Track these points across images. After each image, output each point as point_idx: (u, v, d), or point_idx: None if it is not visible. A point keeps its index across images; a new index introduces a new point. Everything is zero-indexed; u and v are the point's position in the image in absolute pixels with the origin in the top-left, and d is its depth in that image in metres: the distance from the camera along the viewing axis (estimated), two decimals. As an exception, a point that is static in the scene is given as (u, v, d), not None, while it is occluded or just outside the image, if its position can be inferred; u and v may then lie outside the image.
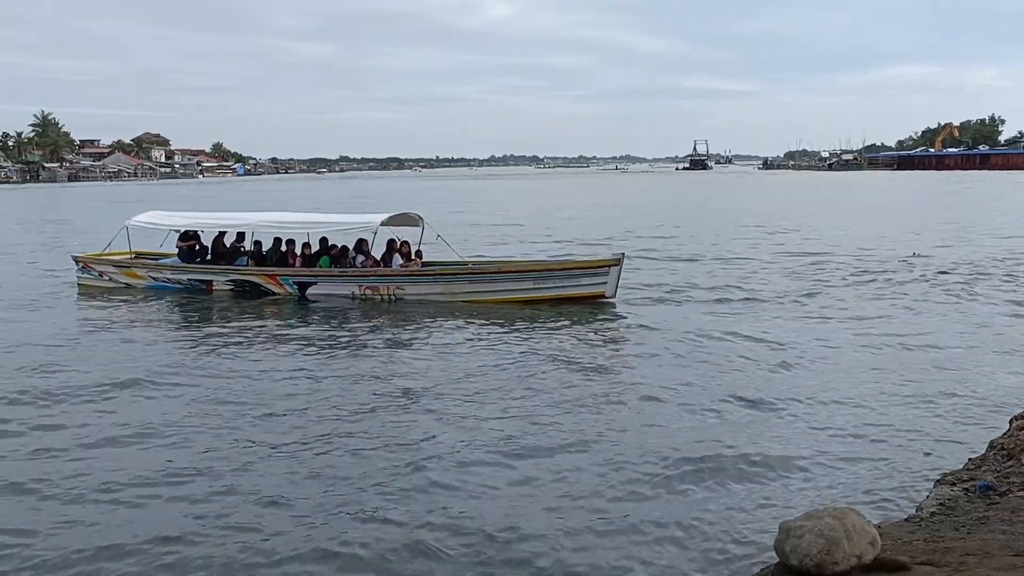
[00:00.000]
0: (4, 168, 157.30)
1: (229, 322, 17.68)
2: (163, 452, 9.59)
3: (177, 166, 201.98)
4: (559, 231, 38.97)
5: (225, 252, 21.61)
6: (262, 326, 17.27)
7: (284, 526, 7.67)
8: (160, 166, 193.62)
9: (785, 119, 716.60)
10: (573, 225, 43.01)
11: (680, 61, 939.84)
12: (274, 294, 20.25)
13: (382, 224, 20.52)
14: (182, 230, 21.93)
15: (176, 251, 21.93)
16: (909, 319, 17.11)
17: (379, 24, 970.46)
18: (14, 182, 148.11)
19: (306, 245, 21.06)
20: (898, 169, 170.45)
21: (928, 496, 7.84)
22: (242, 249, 21.67)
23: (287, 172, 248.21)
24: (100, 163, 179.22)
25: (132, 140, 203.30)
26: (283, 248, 21.21)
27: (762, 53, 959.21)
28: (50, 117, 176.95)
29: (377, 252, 20.74)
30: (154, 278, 21.42)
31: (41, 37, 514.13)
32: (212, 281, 20.89)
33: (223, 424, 10.61)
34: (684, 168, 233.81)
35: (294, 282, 20.23)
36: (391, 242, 20.68)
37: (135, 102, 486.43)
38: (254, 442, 9.93)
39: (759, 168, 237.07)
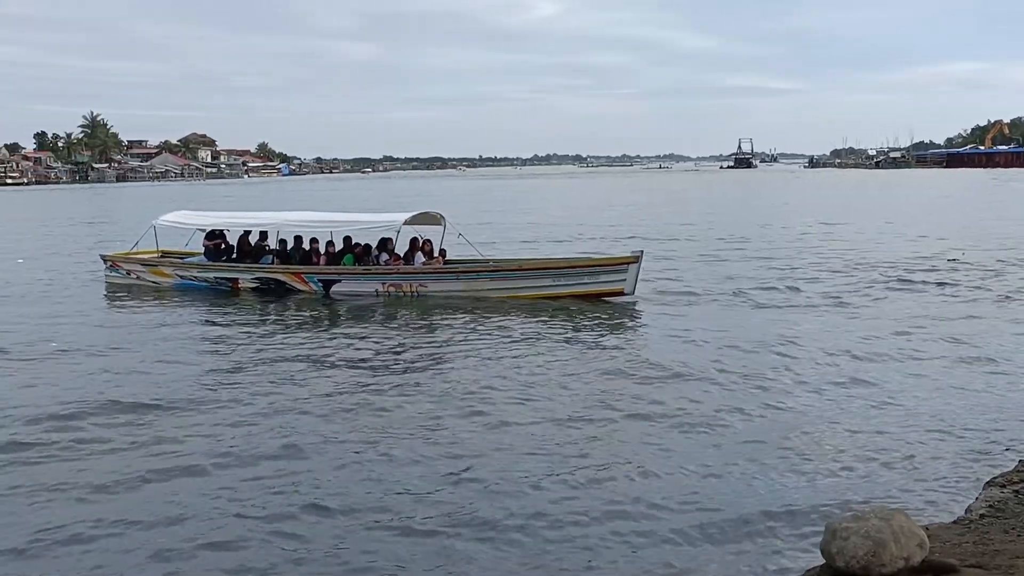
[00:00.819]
0: (54, 169, 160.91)
1: (256, 318, 17.99)
2: (188, 453, 9.62)
3: (223, 166, 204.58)
4: (614, 229, 39.02)
5: (250, 251, 21.85)
6: (289, 322, 17.59)
7: (314, 524, 7.74)
8: (206, 166, 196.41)
9: (831, 117, 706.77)
10: (631, 224, 42.87)
11: (725, 59, 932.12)
12: (299, 292, 20.45)
13: (405, 223, 20.70)
14: (208, 229, 22.18)
15: (203, 250, 22.23)
16: (956, 319, 16.66)
17: (424, 24, 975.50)
18: (64, 183, 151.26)
19: (330, 244, 21.28)
20: (947, 167, 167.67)
21: (977, 498, 7.74)
22: (267, 248, 21.91)
23: (331, 172, 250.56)
24: (148, 164, 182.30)
25: (179, 141, 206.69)
26: (307, 247, 21.42)
27: (808, 50, 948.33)
28: (99, 118, 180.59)
29: (400, 251, 20.89)
30: (181, 276, 21.69)
31: (91, 39, 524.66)
32: (238, 279, 21.11)
33: (249, 417, 10.78)
34: (728, 167, 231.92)
35: (319, 280, 20.44)
36: (414, 240, 20.85)
37: (182, 103, 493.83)
38: (285, 435, 10.09)
39: (804, 167, 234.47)
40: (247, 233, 22.18)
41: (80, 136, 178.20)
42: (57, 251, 32.43)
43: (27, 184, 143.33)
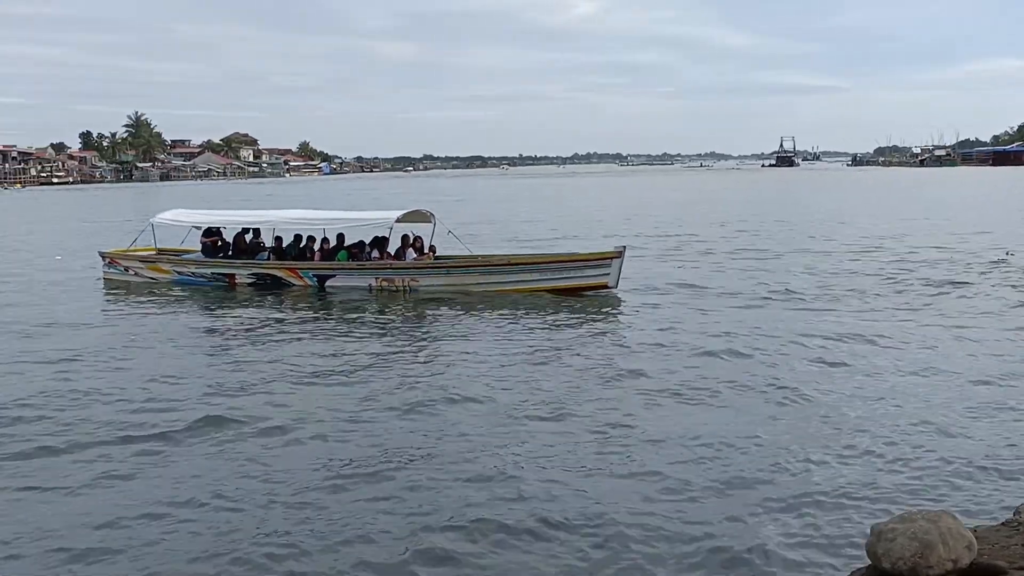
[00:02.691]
0: (99, 168, 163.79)
1: (254, 312, 18.46)
2: (193, 442, 9.87)
3: (265, 165, 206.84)
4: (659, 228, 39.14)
5: (246, 248, 22.26)
6: (286, 315, 18.07)
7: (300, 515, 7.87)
8: (248, 165, 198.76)
9: (874, 115, 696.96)
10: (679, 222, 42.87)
11: (767, 56, 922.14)
12: (294, 287, 20.86)
13: (397, 221, 21.16)
14: (204, 227, 22.61)
15: (199, 247, 22.71)
16: (1000, 320, 16.43)
17: (464, 23, 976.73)
18: (108, 182, 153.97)
19: (325, 241, 21.69)
20: (993, 165, 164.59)
21: (1025, 500, 7.61)
22: (262, 245, 22.32)
23: (372, 171, 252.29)
24: (191, 163, 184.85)
25: (221, 140, 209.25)
26: (302, 244, 21.79)
27: (851, 47, 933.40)
28: (143, 118, 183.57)
29: (391, 248, 21.17)
30: (179, 272, 22.14)
31: (136, 40, 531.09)
32: (235, 275, 21.53)
33: (250, 412, 10.97)
34: (770, 165, 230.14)
35: (314, 275, 20.88)
36: (405, 237, 21.30)
37: (225, 103, 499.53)
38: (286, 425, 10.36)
39: (847, 165, 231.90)
40: (244, 231, 22.60)
41: (124, 136, 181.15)
42: (94, 248, 33.10)
43: (72, 183, 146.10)
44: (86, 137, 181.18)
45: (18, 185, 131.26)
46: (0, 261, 29.81)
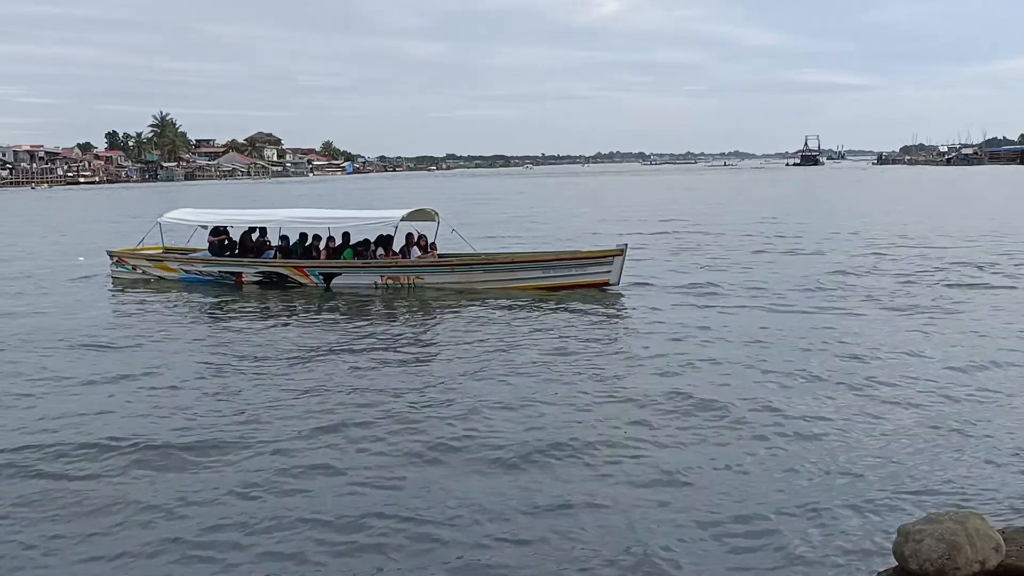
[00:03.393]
0: (124, 168, 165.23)
1: (262, 310, 18.69)
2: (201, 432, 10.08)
3: (288, 165, 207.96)
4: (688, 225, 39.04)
5: (252, 246, 22.42)
6: (294, 312, 18.29)
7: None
8: (272, 165, 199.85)
9: (900, 113, 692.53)
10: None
11: (792, 55, 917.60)
12: (300, 285, 21.01)
13: (402, 219, 21.31)
14: (210, 226, 22.81)
15: (205, 246, 22.91)
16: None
17: (490, 22, 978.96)
18: (134, 181, 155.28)
19: (330, 239, 21.79)
20: (1021, 163, 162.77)
21: (1053, 500, 7.52)
22: (268, 244, 22.49)
23: (395, 170, 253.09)
24: (215, 162, 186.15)
25: (245, 140, 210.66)
26: (307, 242, 21.94)
27: (876, 46, 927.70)
28: (168, 118, 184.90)
29: (396, 246, 21.46)
30: (186, 271, 22.32)
31: (162, 40, 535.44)
32: (241, 273, 21.68)
33: (254, 401, 11.30)
34: (795, 164, 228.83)
35: (320, 273, 21.01)
36: (409, 236, 21.47)
37: (249, 102, 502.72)
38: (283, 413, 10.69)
39: (873, 163, 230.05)
40: (251, 230, 22.77)
41: (150, 135, 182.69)
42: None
43: (99, 183, 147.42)
44: (112, 137, 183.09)
45: (45, 185, 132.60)
46: (25, 260, 30.10)
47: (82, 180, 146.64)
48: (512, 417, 10.40)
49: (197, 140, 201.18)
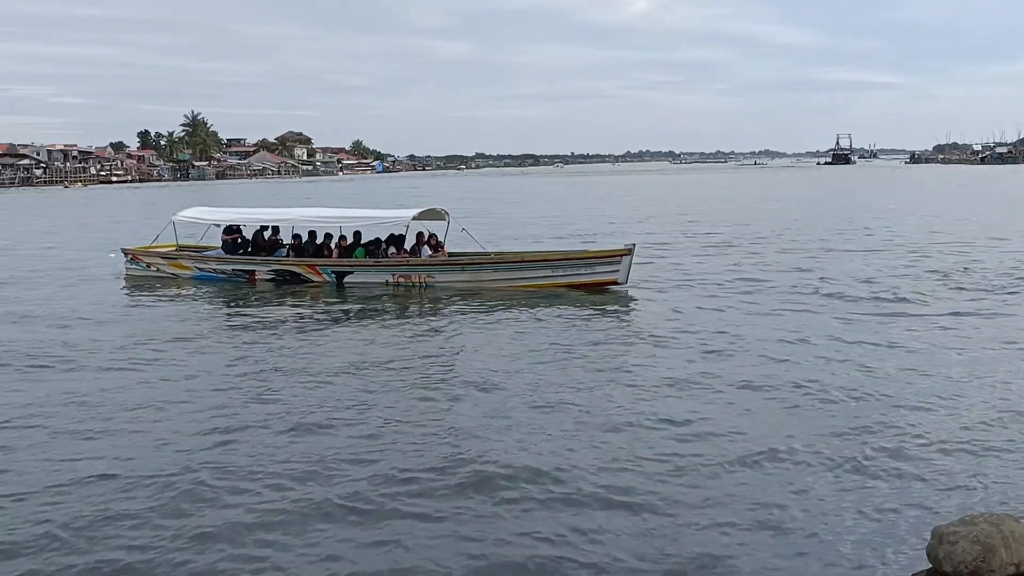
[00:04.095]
0: (156, 167, 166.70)
1: (276, 307, 18.98)
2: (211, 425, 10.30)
3: (318, 164, 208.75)
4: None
5: (265, 245, 22.67)
6: (307, 310, 18.60)
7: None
8: (302, 164, 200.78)
9: (933, 111, 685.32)
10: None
11: (823, 53, 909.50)
12: (313, 282, 21.23)
13: (414, 219, 21.64)
14: (223, 224, 23.06)
15: (217, 244, 23.21)
16: None
17: (518, 21, 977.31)
18: (166, 180, 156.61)
19: (342, 238, 22.03)
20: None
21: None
22: (280, 242, 22.72)
23: (424, 169, 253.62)
24: (246, 161, 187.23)
25: (276, 139, 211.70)
26: (319, 241, 22.14)
27: (909, 43, 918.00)
28: (199, 117, 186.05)
29: (406, 245, 21.73)
30: (200, 268, 22.57)
31: (193, 40, 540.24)
32: (255, 271, 21.94)
33: (270, 395, 11.53)
34: (826, 163, 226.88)
35: (332, 271, 21.24)
36: (420, 235, 21.73)
37: (279, 102, 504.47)
38: (297, 408, 10.91)
39: (905, 162, 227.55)
40: (263, 228, 23.00)
41: (181, 135, 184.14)
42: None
43: (131, 181, 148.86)
44: (144, 136, 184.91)
45: (79, 184, 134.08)
46: (59, 256, 30.63)
47: (114, 179, 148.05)
48: (514, 412, 10.54)
49: (228, 139, 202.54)
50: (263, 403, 11.12)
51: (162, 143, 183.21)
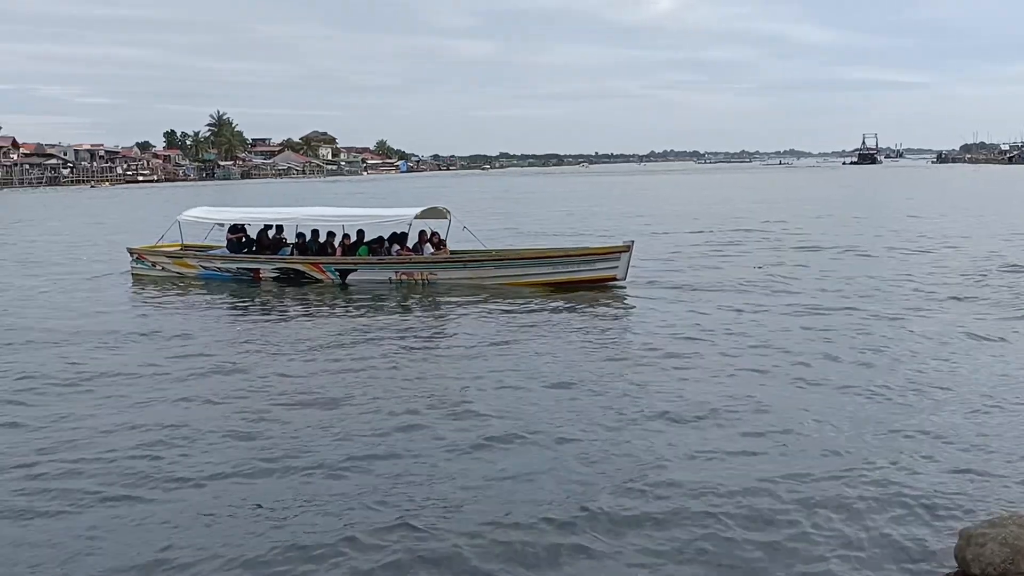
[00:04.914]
0: (182, 167, 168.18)
1: (281, 305, 19.26)
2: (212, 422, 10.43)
3: (343, 163, 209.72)
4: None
5: (269, 244, 22.89)
6: (312, 307, 18.82)
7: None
8: (327, 163, 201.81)
9: (961, 111, 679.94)
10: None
11: (849, 52, 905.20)
12: (317, 281, 21.48)
13: (416, 217, 21.84)
14: (227, 224, 23.35)
15: (221, 244, 23.49)
16: None
17: (541, 21, 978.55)
18: (191, 180, 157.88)
19: (346, 236, 22.26)
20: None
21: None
22: (284, 241, 22.93)
23: (448, 169, 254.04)
24: (271, 161, 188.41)
25: (301, 139, 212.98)
26: (322, 239, 22.39)
27: (936, 42, 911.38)
28: (224, 117, 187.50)
29: (408, 243, 21.98)
30: (205, 267, 22.81)
31: (219, 41, 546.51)
32: (259, 269, 22.16)
33: (276, 394, 11.65)
34: (852, 163, 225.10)
35: (336, 269, 21.48)
36: (422, 233, 21.98)
37: (304, 102, 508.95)
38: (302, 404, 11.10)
39: (932, 162, 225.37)
40: (267, 227, 23.24)
41: (207, 134, 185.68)
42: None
43: (156, 181, 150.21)
44: (170, 136, 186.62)
45: (106, 184, 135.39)
46: (80, 253, 31.05)
47: (140, 178, 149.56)
48: (510, 406, 10.74)
49: (253, 139, 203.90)
50: (269, 397, 11.38)
51: (188, 143, 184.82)
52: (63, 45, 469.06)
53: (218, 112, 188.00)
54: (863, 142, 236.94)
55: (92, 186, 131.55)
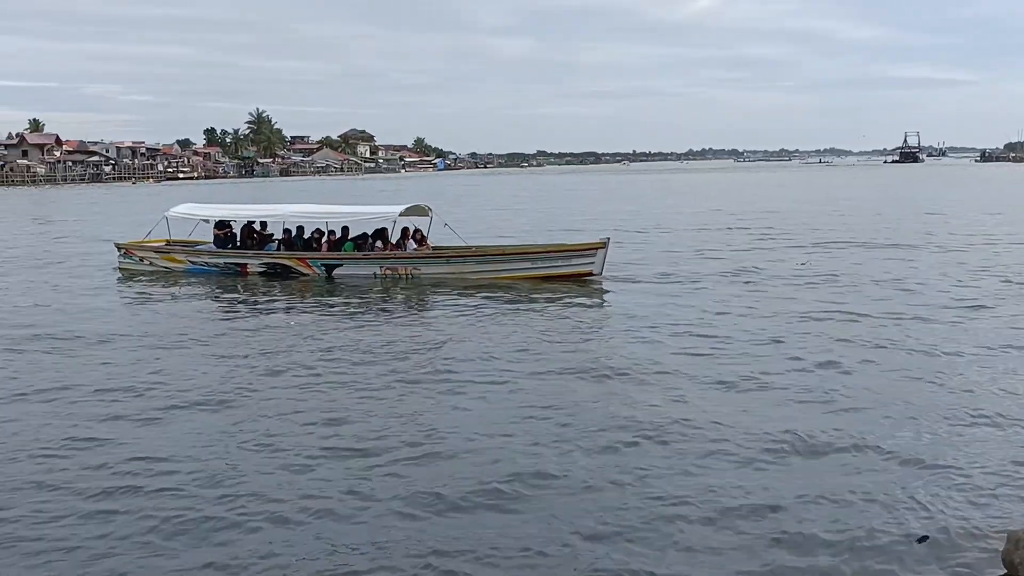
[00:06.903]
0: (222, 164, 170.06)
1: (267, 299, 19.67)
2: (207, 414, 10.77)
3: (381, 161, 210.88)
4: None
5: (255, 239, 23.30)
6: (298, 301, 19.27)
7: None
8: (365, 161, 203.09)
9: (1005, 109, 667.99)
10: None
11: (890, 49, 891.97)
12: (303, 275, 21.91)
13: (400, 215, 22.39)
14: (214, 219, 23.87)
15: (206, 239, 23.96)
16: None
17: (580, 19, 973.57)
18: (231, 177, 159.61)
19: (331, 233, 22.64)
20: None
21: None
22: (271, 236, 23.38)
23: (485, 167, 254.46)
24: (309, 159, 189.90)
25: (339, 136, 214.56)
26: (307, 236, 22.84)
27: (980, 39, 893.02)
28: (264, 115, 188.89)
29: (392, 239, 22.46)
30: (192, 262, 23.29)
31: (259, 39, 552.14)
32: (247, 264, 22.64)
33: (265, 383, 12.08)
34: (893, 161, 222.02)
35: (322, 264, 21.96)
36: (405, 229, 22.48)
37: (343, 100, 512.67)
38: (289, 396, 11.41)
39: (976, 161, 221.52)
40: (251, 223, 23.69)
41: (247, 132, 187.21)
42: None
43: (196, 178, 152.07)
44: (210, 134, 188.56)
45: (150, 180, 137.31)
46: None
47: (181, 176, 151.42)
48: (491, 402, 10.97)
49: (292, 137, 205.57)
50: (253, 387, 11.78)
51: (228, 140, 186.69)
52: (108, 44, 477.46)
53: (257, 110, 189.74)
54: (905, 140, 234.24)
55: (134, 183, 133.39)
